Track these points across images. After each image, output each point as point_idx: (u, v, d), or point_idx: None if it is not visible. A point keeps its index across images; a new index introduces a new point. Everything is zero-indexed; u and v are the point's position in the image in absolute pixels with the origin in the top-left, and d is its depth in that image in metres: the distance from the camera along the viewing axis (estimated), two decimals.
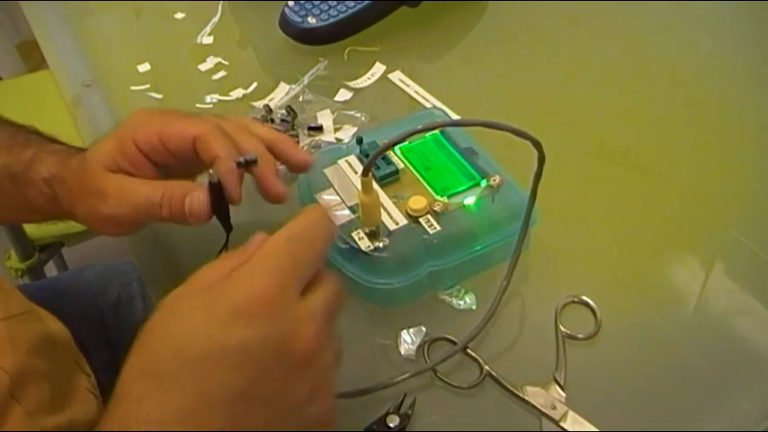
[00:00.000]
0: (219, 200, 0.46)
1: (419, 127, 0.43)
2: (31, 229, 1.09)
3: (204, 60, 0.74)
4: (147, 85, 0.72)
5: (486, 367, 0.47)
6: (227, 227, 0.48)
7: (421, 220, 0.50)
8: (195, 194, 0.46)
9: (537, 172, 0.45)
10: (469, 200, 0.52)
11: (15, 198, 0.50)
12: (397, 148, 0.55)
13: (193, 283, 0.37)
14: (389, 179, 0.53)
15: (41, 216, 0.52)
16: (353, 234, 0.49)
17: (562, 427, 0.45)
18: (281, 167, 0.61)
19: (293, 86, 0.70)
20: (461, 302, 0.51)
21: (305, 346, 0.35)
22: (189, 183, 0.47)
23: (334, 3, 0.72)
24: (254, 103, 0.68)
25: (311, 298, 0.37)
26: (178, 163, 0.48)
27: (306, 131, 0.64)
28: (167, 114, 0.49)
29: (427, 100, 0.67)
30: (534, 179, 0.46)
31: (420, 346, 0.49)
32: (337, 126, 0.65)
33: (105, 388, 0.67)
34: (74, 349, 0.56)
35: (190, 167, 0.49)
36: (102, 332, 0.72)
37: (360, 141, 0.55)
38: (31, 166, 0.50)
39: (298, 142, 0.63)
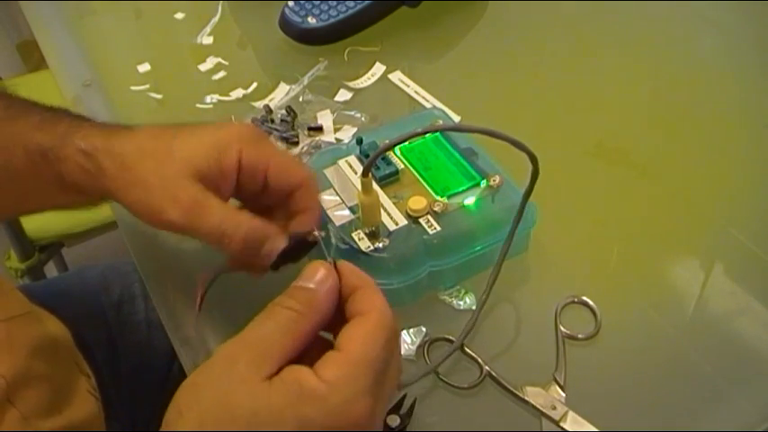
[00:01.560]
0: (296, 249, 0.44)
1: (419, 130, 0.43)
2: (30, 229, 1.09)
3: (204, 60, 0.74)
4: (147, 85, 0.72)
5: (486, 367, 0.47)
6: (274, 266, 0.45)
7: (421, 220, 0.50)
8: (277, 241, 0.43)
9: (528, 187, 0.45)
10: (469, 200, 0.52)
11: (48, 177, 0.46)
12: (396, 148, 0.55)
13: (270, 359, 0.34)
14: (389, 179, 0.53)
15: (74, 195, 0.48)
16: (353, 234, 0.49)
17: (562, 428, 0.45)
18: None
19: (293, 87, 0.70)
20: (461, 302, 0.51)
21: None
22: (267, 225, 0.44)
23: (334, 3, 0.72)
24: (254, 104, 0.68)
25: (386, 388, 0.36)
26: (257, 194, 0.46)
27: (306, 132, 0.64)
28: (270, 143, 0.47)
29: (427, 100, 0.67)
30: (525, 194, 0.46)
31: (420, 347, 0.49)
32: (337, 126, 0.65)
33: (107, 388, 0.67)
34: (74, 351, 0.56)
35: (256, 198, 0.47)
36: (104, 332, 0.73)
37: (360, 142, 0.55)
38: (65, 139, 0.46)
39: (297, 142, 0.63)
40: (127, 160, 0.44)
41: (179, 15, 0.81)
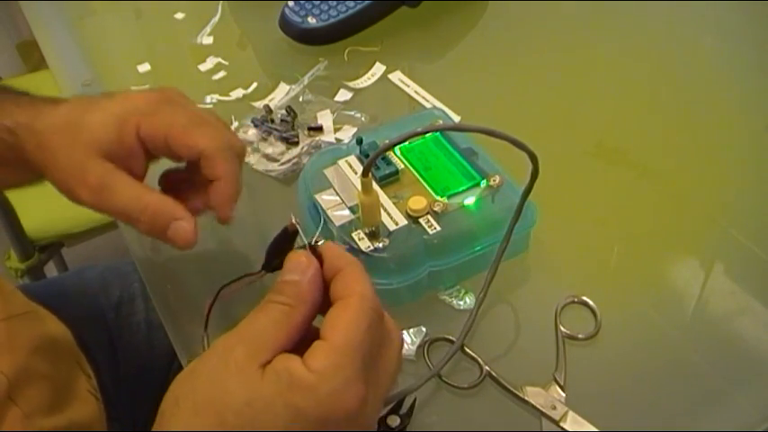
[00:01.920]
0: (281, 243, 0.43)
1: (419, 129, 0.43)
2: (30, 230, 1.09)
3: (204, 60, 0.74)
4: (147, 86, 0.72)
5: (486, 367, 0.47)
6: (268, 267, 0.44)
7: (421, 220, 0.50)
8: (182, 224, 0.44)
9: (527, 186, 0.45)
10: (469, 200, 0.52)
11: None
12: (396, 148, 0.55)
13: (263, 346, 0.34)
14: (389, 179, 0.53)
15: (7, 172, 0.49)
16: (353, 234, 0.49)
17: (562, 428, 0.45)
18: (280, 171, 0.61)
19: (293, 87, 0.70)
20: (461, 302, 0.51)
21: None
22: (177, 205, 0.44)
23: (334, 3, 0.72)
24: (254, 104, 0.68)
25: (382, 376, 0.36)
26: (175, 160, 0.47)
27: (306, 132, 0.64)
28: (173, 109, 0.46)
29: (427, 100, 0.67)
30: (524, 192, 0.46)
31: (420, 347, 0.49)
32: (337, 126, 0.65)
33: (107, 388, 0.67)
34: (75, 350, 0.56)
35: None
36: (104, 332, 0.73)
37: (360, 142, 0.55)
38: None
39: (297, 142, 0.63)
40: (43, 138, 0.45)
41: (179, 15, 0.81)
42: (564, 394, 0.46)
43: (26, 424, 0.44)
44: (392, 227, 0.50)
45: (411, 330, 0.50)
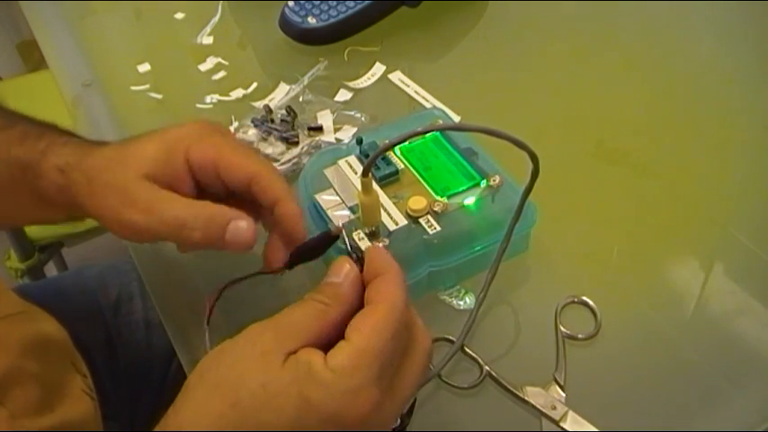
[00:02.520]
0: (317, 245, 0.44)
1: (419, 129, 0.43)
2: (30, 230, 1.09)
3: (204, 60, 0.74)
4: (147, 85, 0.72)
5: (486, 367, 0.47)
6: (291, 266, 0.45)
7: (421, 220, 0.50)
8: (241, 224, 0.43)
9: (528, 186, 0.45)
10: (469, 200, 0.52)
11: (26, 191, 0.48)
12: (396, 148, 0.55)
13: (284, 337, 0.35)
14: (389, 179, 0.53)
15: (50, 211, 0.49)
16: (353, 234, 0.49)
17: (562, 428, 0.45)
18: (280, 171, 0.61)
19: (293, 87, 0.70)
20: (461, 303, 0.51)
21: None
22: (229, 209, 0.44)
23: (334, 3, 0.72)
24: (254, 104, 0.68)
25: (404, 384, 0.36)
26: (222, 190, 0.46)
27: (306, 132, 0.64)
28: (222, 137, 0.46)
29: (427, 100, 0.67)
30: (524, 192, 0.45)
31: None
32: (337, 126, 0.65)
33: (105, 387, 0.67)
34: (70, 350, 0.56)
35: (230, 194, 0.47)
36: (102, 331, 0.73)
37: (360, 142, 0.55)
38: (44, 156, 0.47)
39: (297, 142, 0.63)
40: (92, 173, 0.45)
41: (179, 15, 0.81)
42: (564, 394, 0.46)
43: (11, 424, 0.44)
44: (392, 227, 0.50)
45: None
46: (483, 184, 0.52)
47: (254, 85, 0.71)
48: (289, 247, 0.45)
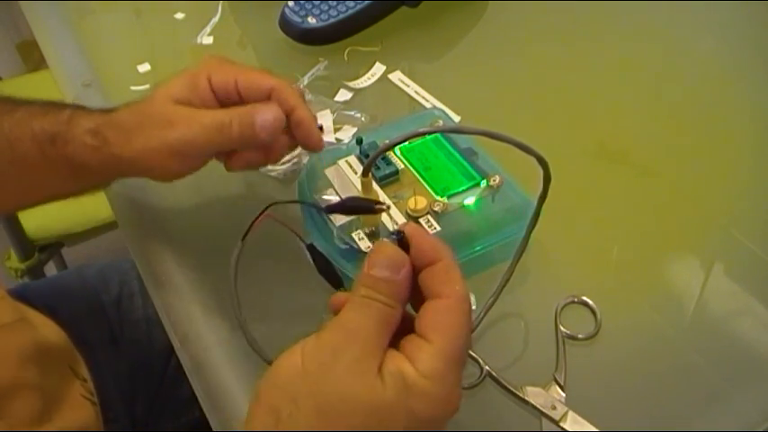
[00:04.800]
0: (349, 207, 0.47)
1: (420, 130, 0.43)
2: (30, 230, 1.09)
3: None
4: (147, 86, 0.72)
5: (487, 367, 0.47)
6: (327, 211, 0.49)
7: (421, 220, 0.50)
8: (266, 109, 0.48)
9: (542, 193, 0.43)
10: (469, 200, 0.52)
11: (58, 162, 0.49)
12: (396, 148, 0.55)
13: (367, 356, 0.35)
14: (389, 179, 0.53)
15: (85, 177, 0.51)
16: (353, 234, 0.49)
17: (562, 428, 0.45)
18: (280, 171, 0.61)
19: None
20: None
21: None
22: (252, 105, 0.48)
23: (334, 3, 0.72)
24: None
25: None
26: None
27: None
28: (237, 64, 0.51)
29: (427, 100, 0.67)
30: (539, 201, 0.44)
31: None
32: (337, 126, 0.65)
33: (107, 384, 0.67)
34: (69, 354, 0.56)
35: None
36: (105, 329, 0.73)
37: (360, 142, 0.55)
38: (71, 122, 0.49)
39: None
40: (125, 123, 0.49)
41: (179, 15, 0.81)
42: (564, 394, 0.46)
43: None
44: (392, 227, 0.50)
45: None
46: (483, 184, 0.52)
47: None
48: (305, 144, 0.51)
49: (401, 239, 0.37)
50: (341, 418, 0.33)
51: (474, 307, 0.51)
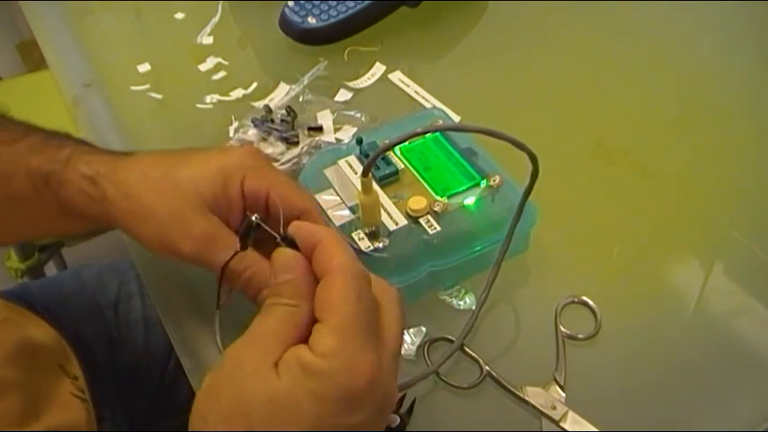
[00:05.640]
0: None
1: (419, 129, 0.43)
2: None
3: (204, 60, 0.74)
4: (147, 85, 0.72)
5: (487, 367, 0.47)
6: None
7: (421, 220, 0.50)
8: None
9: (528, 186, 0.45)
10: (469, 200, 0.52)
11: (49, 202, 0.47)
12: (396, 148, 0.55)
13: (273, 343, 0.35)
14: (389, 179, 0.53)
15: (75, 221, 0.48)
16: (353, 234, 0.49)
17: (562, 428, 0.45)
18: (283, 169, 0.61)
19: (293, 87, 0.70)
20: (461, 302, 0.51)
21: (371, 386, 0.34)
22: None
23: (334, 3, 0.72)
24: (254, 104, 0.68)
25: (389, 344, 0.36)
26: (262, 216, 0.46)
27: (306, 132, 0.64)
28: (273, 169, 0.47)
29: (427, 100, 0.67)
30: (524, 193, 0.45)
31: (420, 347, 0.49)
32: (337, 126, 0.65)
33: (105, 386, 0.67)
34: (59, 353, 0.56)
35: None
36: (103, 330, 0.73)
37: (360, 142, 0.55)
38: (68, 164, 0.46)
39: (297, 142, 0.63)
40: (131, 189, 0.44)
41: (179, 15, 0.81)
42: (564, 394, 0.46)
43: None
44: (392, 227, 0.50)
45: (411, 330, 0.50)
46: (483, 184, 0.52)
47: (254, 85, 0.70)
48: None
49: (290, 241, 0.37)
50: (241, 419, 0.33)
51: (473, 307, 0.51)
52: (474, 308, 0.50)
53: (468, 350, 0.48)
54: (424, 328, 0.50)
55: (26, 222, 0.50)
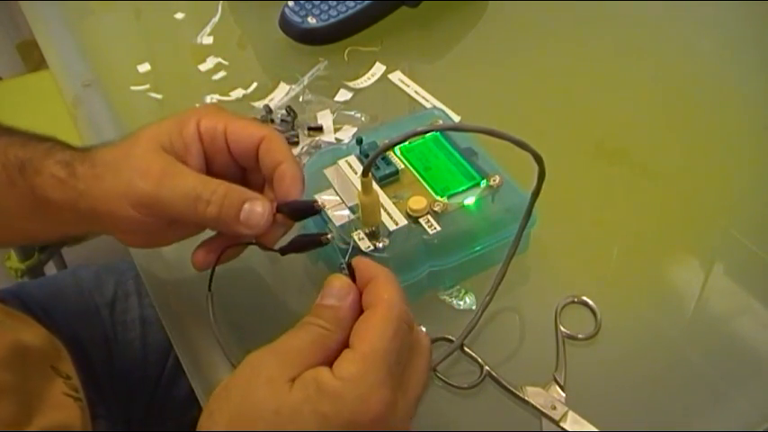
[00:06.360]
0: (299, 246, 0.45)
1: (419, 129, 0.43)
2: None
3: (204, 60, 0.74)
4: (147, 85, 0.72)
5: (487, 367, 0.47)
6: (283, 253, 0.45)
7: (421, 220, 0.50)
8: (258, 206, 0.43)
9: (536, 188, 0.44)
10: (469, 200, 0.52)
11: (21, 193, 0.46)
12: (396, 148, 0.55)
13: (294, 360, 0.35)
14: (389, 179, 0.53)
15: (46, 215, 0.47)
16: (353, 234, 0.49)
17: (562, 428, 0.45)
18: None
19: (293, 87, 0.70)
20: (461, 302, 0.51)
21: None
22: (246, 189, 0.43)
23: (334, 3, 0.72)
24: (254, 104, 0.68)
25: (412, 384, 0.37)
26: (228, 164, 0.46)
27: (306, 132, 0.64)
28: (228, 113, 0.47)
29: (427, 100, 0.67)
30: (532, 195, 0.45)
31: None
32: (337, 126, 0.65)
33: (102, 385, 0.67)
34: (52, 354, 0.55)
35: (234, 174, 0.47)
36: (99, 330, 0.73)
37: (360, 142, 0.55)
38: (46, 154, 0.46)
39: (297, 142, 0.63)
40: (99, 159, 0.45)
41: (179, 15, 0.81)
42: (564, 394, 0.46)
43: None
44: (392, 227, 0.50)
45: None
46: (483, 184, 0.52)
47: (254, 85, 0.71)
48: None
49: (350, 271, 0.38)
50: (246, 424, 0.34)
51: (473, 307, 0.51)
52: (474, 308, 0.50)
53: (468, 350, 0.48)
54: (423, 329, 0.50)
55: (4, 222, 0.49)
